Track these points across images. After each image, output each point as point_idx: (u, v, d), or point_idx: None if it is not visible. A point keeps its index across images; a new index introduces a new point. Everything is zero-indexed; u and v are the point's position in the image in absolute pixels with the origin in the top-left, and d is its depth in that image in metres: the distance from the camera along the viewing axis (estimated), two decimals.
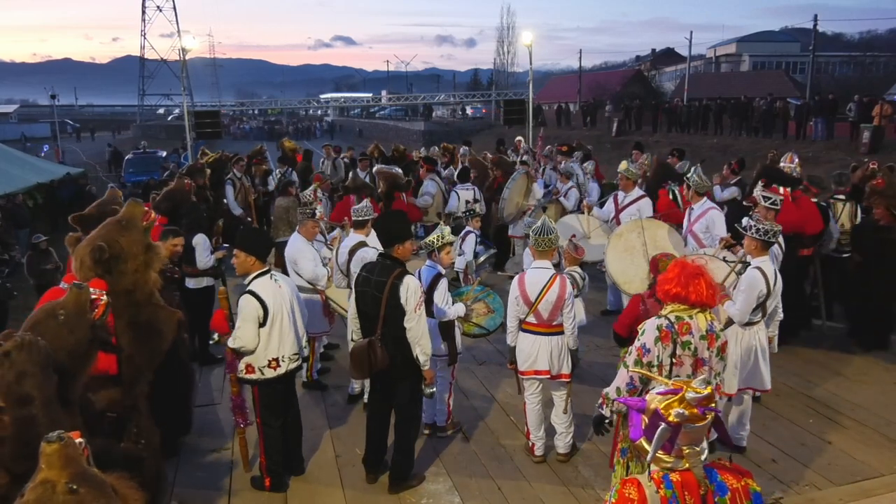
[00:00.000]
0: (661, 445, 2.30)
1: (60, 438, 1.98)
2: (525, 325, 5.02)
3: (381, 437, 4.94)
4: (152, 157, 28.32)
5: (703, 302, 3.53)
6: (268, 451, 4.84)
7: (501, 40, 63.51)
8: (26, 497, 1.97)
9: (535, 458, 5.21)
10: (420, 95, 37.27)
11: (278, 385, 4.80)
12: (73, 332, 3.18)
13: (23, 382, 2.56)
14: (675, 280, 3.54)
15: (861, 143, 20.80)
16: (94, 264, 4.11)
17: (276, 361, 4.69)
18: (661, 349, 3.53)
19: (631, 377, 3.60)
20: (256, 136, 55.26)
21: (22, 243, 15.20)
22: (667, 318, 3.56)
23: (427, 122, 51.59)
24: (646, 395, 2.47)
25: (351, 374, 5.02)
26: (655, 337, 3.54)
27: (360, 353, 4.65)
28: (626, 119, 34.84)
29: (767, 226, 4.92)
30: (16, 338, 2.65)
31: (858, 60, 53.59)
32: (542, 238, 4.92)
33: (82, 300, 3.29)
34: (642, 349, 3.58)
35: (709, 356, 3.57)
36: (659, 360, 3.54)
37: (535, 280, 4.90)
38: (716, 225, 6.98)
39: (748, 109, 27.18)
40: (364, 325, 4.75)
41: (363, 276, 4.72)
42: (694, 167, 7.72)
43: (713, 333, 3.57)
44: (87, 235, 4.52)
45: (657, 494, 2.30)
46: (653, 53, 67.57)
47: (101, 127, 62.32)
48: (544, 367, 4.97)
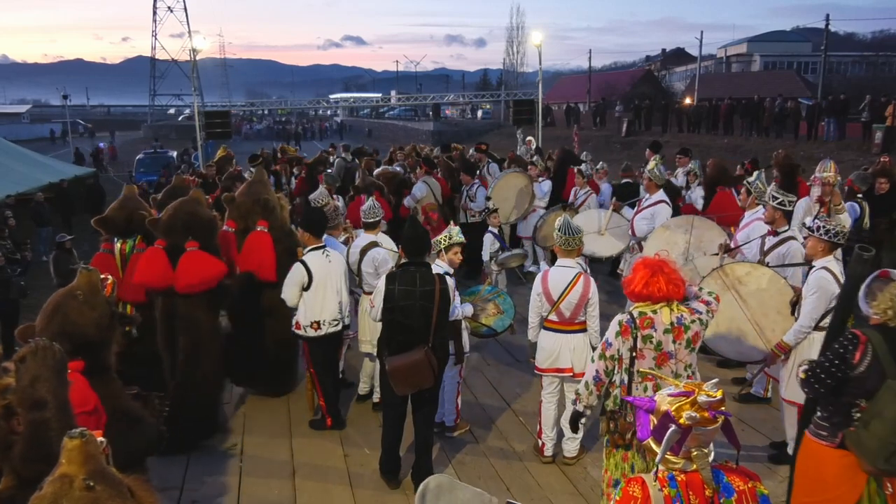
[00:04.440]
0: (671, 447, 2.30)
1: (83, 435, 2.03)
2: (547, 323, 5.01)
3: (399, 442, 4.94)
4: (163, 157, 28.52)
5: (666, 296, 3.66)
6: (325, 395, 5.69)
7: (511, 40, 63.50)
8: (45, 489, 2.01)
9: (543, 459, 5.21)
10: (429, 95, 37.27)
11: (324, 344, 5.54)
12: (94, 308, 3.53)
13: (37, 386, 2.61)
14: (637, 280, 3.69)
15: (873, 144, 20.65)
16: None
17: (318, 324, 5.45)
18: (620, 343, 3.73)
19: (596, 370, 3.84)
20: (266, 137, 55.48)
21: (44, 242, 15.34)
22: (629, 314, 3.74)
23: (436, 123, 51.61)
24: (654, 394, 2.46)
25: (397, 390, 4.58)
26: (616, 332, 3.74)
27: (420, 367, 4.46)
28: (636, 119, 34.73)
29: (835, 227, 4.60)
30: (31, 343, 2.70)
31: (871, 60, 53.17)
32: (569, 237, 4.89)
33: (94, 280, 3.62)
34: (605, 343, 3.82)
35: (675, 349, 3.69)
36: (619, 353, 3.74)
37: (559, 278, 4.89)
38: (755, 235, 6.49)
39: (759, 109, 27.03)
40: (405, 339, 4.54)
41: (402, 290, 4.49)
42: (758, 172, 7.34)
43: (681, 326, 3.67)
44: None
45: (661, 493, 2.29)
46: (663, 53, 67.38)
47: (111, 127, 62.65)
48: (567, 364, 4.96)
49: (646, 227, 7.40)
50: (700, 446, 2.31)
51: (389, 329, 4.61)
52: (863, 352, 3.20)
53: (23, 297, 9.31)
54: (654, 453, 2.37)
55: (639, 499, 2.29)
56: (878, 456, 3.09)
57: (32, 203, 16.15)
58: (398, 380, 4.53)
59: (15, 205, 15.23)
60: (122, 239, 6.05)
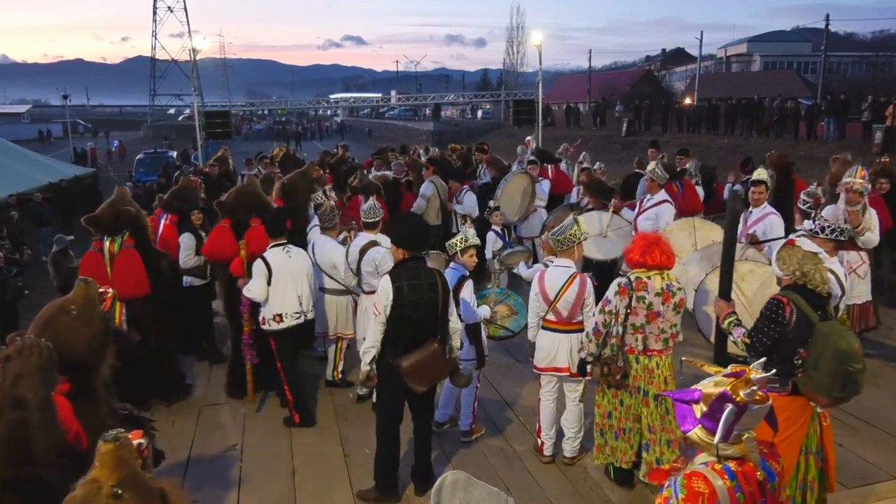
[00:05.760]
0: (727, 429, 2.35)
1: (116, 438, 1.96)
2: (545, 323, 5.03)
3: (398, 457, 4.84)
4: (163, 157, 28.52)
5: (660, 265, 4.40)
6: (292, 391, 5.86)
7: (511, 40, 63.54)
8: (76, 492, 1.96)
9: (543, 459, 5.20)
10: (429, 95, 37.29)
11: (289, 337, 5.82)
12: (88, 325, 3.24)
13: (18, 385, 2.54)
14: (637, 250, 4.45)
15: (873, 144, 20.65)
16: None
17: (280, 317, 5.72)
18: (618, 301, 4.42)
19: (596, 323, 4.53)
20: (266, 137, 55.49)
21: (43, 242, 15.35)
22: (627, 278, 4.48)
23: (436, 123, 51.59)
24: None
25: (416, 387, 4.47)
26: (615, 291, 4.45)
27: (437, 358, 4.44)
28: (636, 119, 34.72)
29: (835, 224, 4.83)
30: (18, 342, 2.64)
31: (871, 60, 53.20)
32: (561, 237, 4.92)
33: (91, 294, 3.33)
34: (605, 301, 4.50)
35: (664, 310, 4.41)
36: (616, 309, 4.43)
37: (555, 278, 4.91)
38: (774, 229, 6.61)
39: (759, 109, 27.03)
40: (413, 335, 4.46)
41: (410, 285, 4.39)
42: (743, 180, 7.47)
43: (669, 292, 4.41)
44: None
45: (724, 485, 2.34)
46: (663, 53, 67.43)
47: (108, 127, 62.68)
48: (564, 364, 4.97)
49: (650, 228, 7.36)
50: (748, 429, 2.41)
51: (398, 327, 4.45)
52: (790, 311, 3.72)
53: (20, 297, 9.30)
54: (701, 444, 2.45)
55: (705, 494, 2.32)
56: (833, 388, 3.65)
57: (31, 203, 16.16)
58: (416, 377, 4.43)
59: (16, 205, 15.25)
60: (110, 237, 6.10)
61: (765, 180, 6.92)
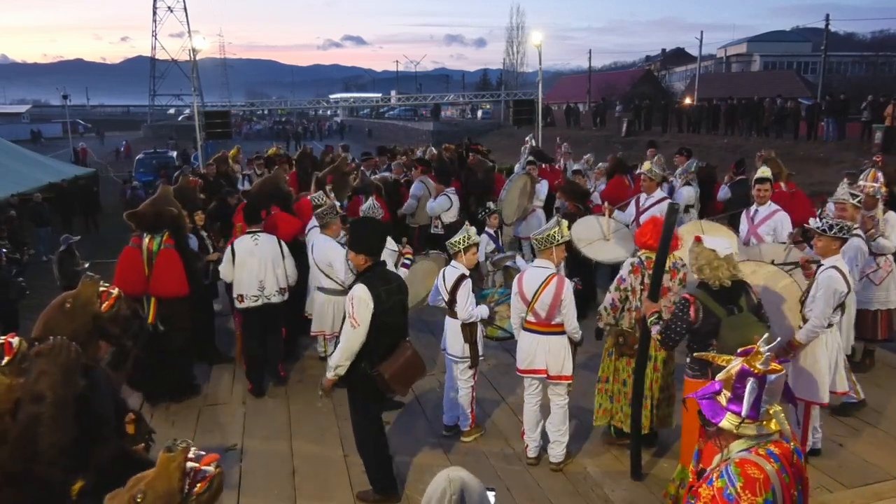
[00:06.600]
0: (753, 403, 2.43)
1: (169, 449, 2.06)
2: (526, 324, 5.01)
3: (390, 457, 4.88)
4: (163, 157, 28.50)
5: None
6: (246, 360, 6.67)
7: (511, 40, 63.54)
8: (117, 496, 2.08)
9: (528, 460, 5.17)
10: (429, 95, 37.26)
11: (250, 315, 6.47)
12: (72, 321, 3.17)
13: (40, 380, 2.59)
14: (648, 234, 4.96)
15: (873, 144, 20.66)
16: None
17: (241, 297, 6.39)
18: (633, 279, 4.96)
19: (612, 299, 5.04)
20: (266, 137, 55.46)
21: (43, 242, 15.35)
22: (638, 258, 5.02)
23: (436, 123, 51.57)
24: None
25: (400, 391, 4.60)
26: (629, 270, 4.98)
27: (415, 360, 4.52)
28: (636, 119, 34.72)
29: (840, 222, 4.82)
30: (50, 340, 2.70)
31: (870, 60, 53.18)
32: (539, 237, 4.91)
33: (87, 291, 3.29)
34: (620, 279, 5.02)
35: (671, 285, 4.94)
36: (632, 287, 4.95)
37: (533, 278, 4.88)
38: (783, 227, 6.59)
39: (759, 109, 27.02)
40: (391, 341, 4.44)
41: (386, 290, 4.35)
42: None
43: (675, 269, 4.99)
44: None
45: (773, 469, 2.41)
46: (663, 53, 67.41)
47: (112, 127, 62.75)
48: (541, 366, 4.91)
49: None
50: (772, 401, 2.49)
51: (377, 335, 4.34)
52: (695, 309, 4.11)
53: (22, 297, 9.30)
54: (731, 436, 2.50)
55: (761, 479, 2.39)
56: None
57: (31, 203, 16.17)
58: (399, 382, 4.46)
59: (16, 205, 15.25)
60: (150, 235, 6.18)
61: (769, 178, 6.90)
